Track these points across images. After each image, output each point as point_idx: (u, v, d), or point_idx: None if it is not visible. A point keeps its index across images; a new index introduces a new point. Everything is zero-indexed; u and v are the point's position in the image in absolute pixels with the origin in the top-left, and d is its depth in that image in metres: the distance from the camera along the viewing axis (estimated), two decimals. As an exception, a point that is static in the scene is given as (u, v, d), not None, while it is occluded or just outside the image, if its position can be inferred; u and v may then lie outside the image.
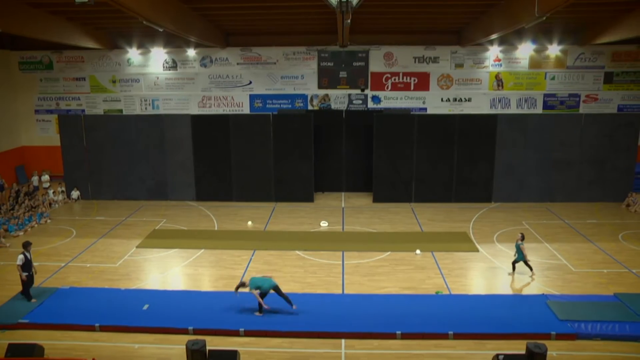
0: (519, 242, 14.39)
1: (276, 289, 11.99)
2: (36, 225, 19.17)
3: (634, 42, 23.76)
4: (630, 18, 19.14)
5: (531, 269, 14.46)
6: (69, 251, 16.57)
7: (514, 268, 14.61)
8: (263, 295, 11.94)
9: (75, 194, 22.66)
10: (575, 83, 25.24)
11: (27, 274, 12.62)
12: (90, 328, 11.64)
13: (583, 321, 11.58)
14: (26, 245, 12.93)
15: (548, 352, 9.51)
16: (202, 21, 20.43)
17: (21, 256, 12.63)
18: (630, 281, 14.13)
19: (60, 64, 25.92)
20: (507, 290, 13.78)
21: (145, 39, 24.72)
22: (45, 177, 24.21)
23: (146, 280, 14.52)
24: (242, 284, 12.14)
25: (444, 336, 11.28)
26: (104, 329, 11.63)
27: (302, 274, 14.72)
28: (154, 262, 15.80)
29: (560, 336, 11.19)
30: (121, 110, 26.15)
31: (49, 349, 10.52)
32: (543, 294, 13.13)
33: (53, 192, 22.33)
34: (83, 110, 26.21)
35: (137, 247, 16.94)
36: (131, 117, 23.60)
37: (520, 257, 14.35)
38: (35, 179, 24.01)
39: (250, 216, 20.23)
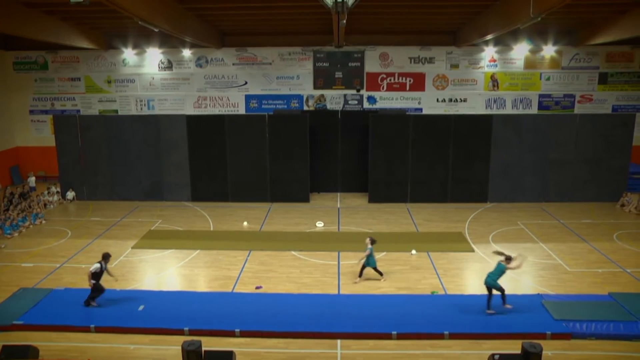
0: (369, 246, 13.82)
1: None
2: (31, 226, 19.11)
3: (627, 43, 23.86)
4: (624, 19, 19.23)
5: (381, 274, 14.12)
6: (64, 252, 16.51)
7: (360, 274, 14.17)
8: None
9: (70, 194, 22.59)
10: (570, 83, 25.34)
11: (94, 281, 12.41)
12: (86, 329, 11.60)
13: (578, 321, 11.61)
14: (106, 257, 12.72)
15: (543, 352, 9.53)
16: (198, 21, 20.41)
17: (97, 265, 12.45)
18: (625, 280, 14.18)
19: (55, 64, 25.83)
20: (503, 290, 13.80)
21: (141, 39, 24.67)
22: (32, 179, 23.92)
23: (142, 280, 14.49)
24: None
25: (439, 336, 11.29)
26: (99, 330, 11.59)
27: (298, 274, 14.72)
28: (149, 263, 15.77)
29: (556, 336, 11.22)
30: (116, 111, 26.08)
31: (44, 351, 10.48)
32: (538, 294, 13.17)
33: (48, 193, 22.24)
34: (78, 111, 26.13)
35: (132, 247, 16.91)
36: (126, 117, 23.54)
37: (372, 262, 13.95)
38: (31, 179, 23.82)
39: (245, 217, 20.21)
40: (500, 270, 12.08)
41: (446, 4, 17.87)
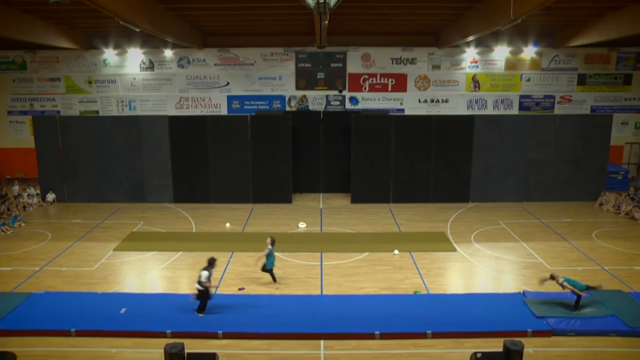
0: (270, 247, 13.71)
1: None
2: (9, 230, 18.79)
3: (605, 45, 24.24)
4: (601, 22, 19.55)
5: (275, 280, 13.97)
6: (44, 255, 16.28)
7: (274, 279, 14.02)
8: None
9: (50, 196, 22.29)
10: (550, 85, 25.66)
11: (202, 289, 12.09)
12: (66, 333, 11.44)
13: (558, 318, 11.78)
14: (212, 262, 12.42)
15: (525, 349, 9.66)
16: (179, 21, 20.28)
17: (206, 273, 12.12)
18: (603, 278, 14.39)
19: (34, 64, 25.47)
20: (485, 289, 13.93)
21: (122, 39, 24.44)
22: (16, 188, 23.27)
23: (123, 283, 14.35)
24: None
25: (422, 335, 11.35)
26: (80, 334, 11.44)
27: (281, 275, 14.69)
28: (131, 265, 15.62)
29: (537, 333, 11.37)
30: (97, 112, 25.81)
31: (22, 357, 10.34)
32: (520, 292, 13.32)
33: (27, 195, 21.93)
34: (58, 111, 25.81)
35: (114, 250, 16.74)
36: (108, 118, 23.30)
37: (269, 263, 13.75)
38: (15, 188, 23.21)
39: (228, 218, 20.13)
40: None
41: (428, 5, 17.98)
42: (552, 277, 12.32)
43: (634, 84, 25.62)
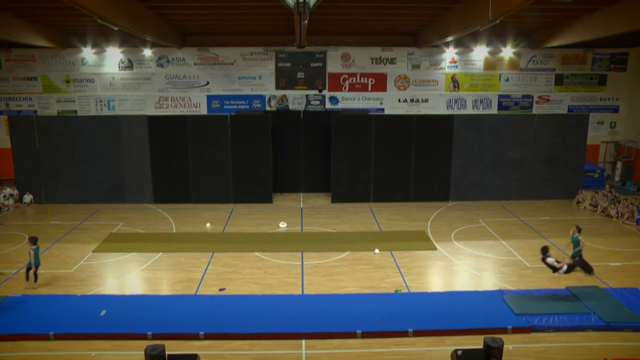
0: (33, 246, 13.59)
1: None
2: (-15, 231, 18.48)
3: (580, 46, 24.65)
4: (577, 24, 19.89)
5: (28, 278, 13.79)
6: (21, 257, 15.95)
7: (35, 278, 13.79)
8: None
9: (27, 197, 21.93)
10: (528, 85, 26.01)
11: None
12: (44, 337, 11.25)
13: (537, 314, 11.95)
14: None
15: (505, 346, 9.77)
16: (158, 20, 20.11)
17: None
18: (581, 275, 14.53)
19: (10, 62, 25.02)
20: (465, 287, 14.06)
21: (100, 38, 24.14)
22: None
23: (103, 285, 14.19)
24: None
25: (403, 334, 11.42)
26: (58, 337, 11.26)
27: (262, 275, 14.67)
28: (111, 267, 15.45)
29: (516, 330, 11.52)
30: (76, 111, 25.47)
31: (-1, 361, 10.18)
32: (500, 290, 13.48)
33: (4, 196, 21.54)
34: (35, 111, 25.41)
35: (93, 251, 16.53)
36: (86, 118, 23.01)
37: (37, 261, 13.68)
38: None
39: (208, 218, 20.02)
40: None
41: (407, 5, 18.08)
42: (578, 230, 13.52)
43: (609, 84, 26.12)
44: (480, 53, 25.42)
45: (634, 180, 25.34)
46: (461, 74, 25.78)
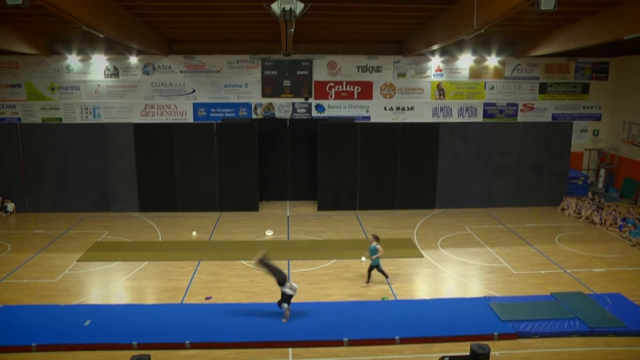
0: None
1: None
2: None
3: (564, 56, 24.97)
4: (560, 33, 20.16)
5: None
6: (3, 267, 15.77)
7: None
8: None
9: (10, 206, 21.66)
10: (513, 93, 26.28)
11: None
12: (26, 349, 11.04)
13: (523, 321, 12.03)
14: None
15: (491, 352, 9.80)
16: (144, 28, 20.02)
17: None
18: (566, 281, 14.78)
19: (-7, 69, 24.82)
20: (452, 294, 14.11)
21: (85, 45, 23.98)
22: None
23: (88, 295, 14.02)
24: None
25: (390, 341, 11.42)
26: (41, 348, 11.07)
27: (248, 283, 14.61)
28: (95, 276, 15.29)
29: (503, 336, 11.58)
30: (61, 119, 25.25)
31: (-20, 373, 10.01)
32: (486, 296, 13.54)
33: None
34: (19, 119, 25.14)
35: (78, 260, 16.35)
36: (71, 125, 22.82)
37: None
38: None
39: (194, 226, 19.91)
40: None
41: (393, 14, 18.19)
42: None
43: (591, 92, 26.49)
44: (465, 61, 25.65)
45: (617, 187, 25.68)
46: (447, 82, 25.98)
